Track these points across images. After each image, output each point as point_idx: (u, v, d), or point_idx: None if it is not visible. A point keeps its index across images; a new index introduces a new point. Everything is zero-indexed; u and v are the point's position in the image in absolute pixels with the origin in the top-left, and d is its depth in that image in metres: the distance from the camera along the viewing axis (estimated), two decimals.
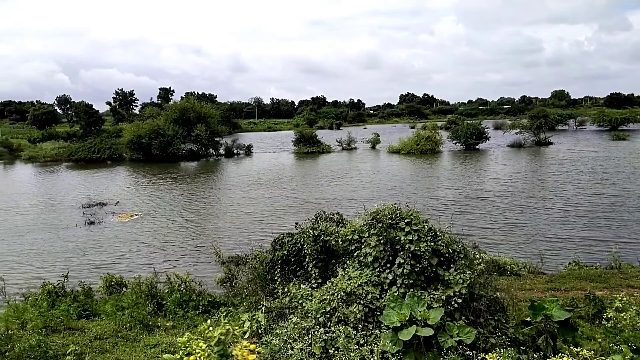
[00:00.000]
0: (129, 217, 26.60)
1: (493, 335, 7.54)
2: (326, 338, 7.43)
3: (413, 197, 27.68)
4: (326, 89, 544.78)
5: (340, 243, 9.29)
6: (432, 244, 8.13)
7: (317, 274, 9.38)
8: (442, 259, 8.20)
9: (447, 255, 8.19)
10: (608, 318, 7.73)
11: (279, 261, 10.46)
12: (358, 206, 23.29)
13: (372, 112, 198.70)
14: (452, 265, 8.09)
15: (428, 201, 27.52)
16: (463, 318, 7.50)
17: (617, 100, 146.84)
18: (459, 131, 61.84)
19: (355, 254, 8.89)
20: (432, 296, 7.61)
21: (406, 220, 8.43)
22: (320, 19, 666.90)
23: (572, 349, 6.36)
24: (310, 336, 7.57)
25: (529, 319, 7.62)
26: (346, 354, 7.01)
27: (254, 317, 9.36)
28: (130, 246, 20.83)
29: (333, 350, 7.22)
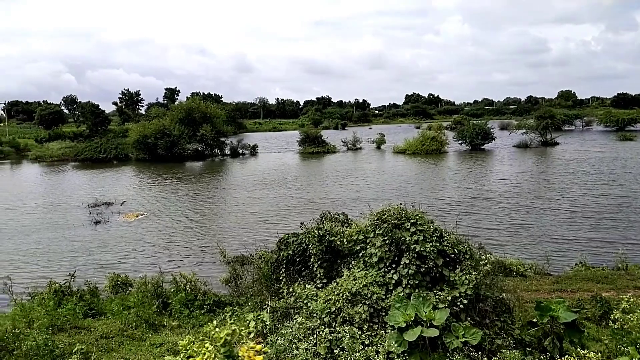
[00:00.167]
0: (135, 217, 26.70)
1: (499, 336, 7.50)
2: (331, 338, 7.42)
3: (418, 198, 27.62)
4: (331, 89, 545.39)
5: (345, 243, 9.28)
6: (438, 245, 8.10)
7: (322, 274, 9.37)
8: (448, 260, 8.17)
9: (453, 255, 8.16)
10: (615, 319, 7.68)
11: (284, 261, 10.47)
12: (363, 206, 23.25)
13: (378, 113, 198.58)
14: (458, 266, 8.06)
15: (433, 202, 27.45)
16: (469, 319, 7.47)
17: (624, 100, 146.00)
18: (465, 131, 61.67)
19: (360, 254, 8.88)
20: (438, 297, 7.58)
21: (412, 220, 8.41)
22: (324, 19, 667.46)
23: (579, 351, 6.33)
24: (315, 336, 7.56)
25: (535, 320, 7.59)
26: (351, 355, 7.00)
27: (259, 317, 9.37)
28: (135, 245, 20.91)
29: (338, 350, 7.21)
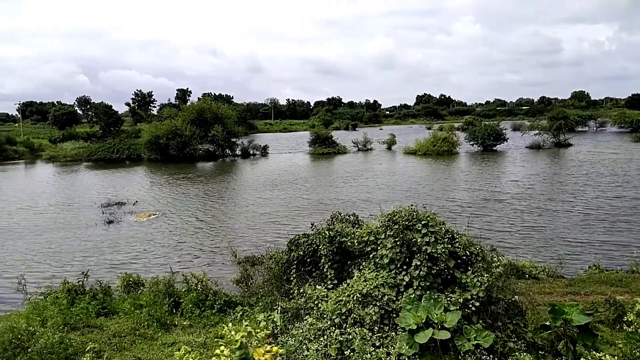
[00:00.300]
0: (147, 217, 26.92)
1: (511, 339, 7.44)
2: (342, 339, 7.41)
3: (429, 199, 27.51)
4: (342, 90, 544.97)
5: (356, 244, 9.27)
6: (449, 246, 8.05)
7: (333, 275, 9.37)
8: (460, 262, 8.12)
9: (465, 257, 8.11)
10: (629, 322, 7.56)
11: (295, 262, 10.48)
12: (373, 208, 23.22)
13: (388, 113, 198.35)
14: (470, 267, 8.00)
15: (444, 203, 27.29)
16: (480, 321, 7.42)
17: (639, 101, 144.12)
18: (477, 132, 61.28)
19: (371, 256, 8.86)
20: (449, 299, 7.53)
21: (423, 222, 8.37)
22: (335, 20, 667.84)
23: (594, 354, 6.24)
24: (326, 337, 7.56)
25: (548, 324, 7.51)
26: (362, 356, 6.98)
27: (270, 318, 9.39)
28: (147, 245, 21.07)
29: (349, 351, 7.20)
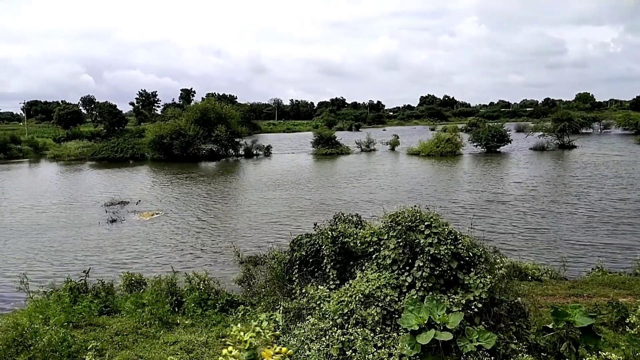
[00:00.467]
0: (150, 216, 26.97)
1: (513, 341, 7.41)
2: (344, 340, 7.40)
3: (432, 200, 27.47)
4: (345, 91, 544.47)
5: (358, 245, 9.25)
6: (452, 247, 8.03)
7: (335, 276, 9.36)
8: (462, 263, 8.09)
9: (468, 258, 8.08)
10: (632, 325, 7.52)
11: (297, 262, 10.47)
12: (376, 208, 23.19)
13: (392, 114, 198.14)
14: (473, 269, 7.97)
15: (447, 204, 27.24)
16: (483, 323, 7.39)
17: None
18: (480, 133, 61.14)
19: (373, 256, 8.84)
20: (452, 300, 7.51)
21: (426, 223, 8.35)
22: (340, 21, 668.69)
23: (602, 354, 6.19)
24: (327, 337, 7.55)
25: (551, 325, 7.48)
26: (364, 356, 6.97)
27: (272, 317, 9.39)
28: (149, 245, 21.11)
29: (350, 352, 7.19)
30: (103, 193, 35.23)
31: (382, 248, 8.69)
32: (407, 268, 8.18)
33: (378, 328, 7.62)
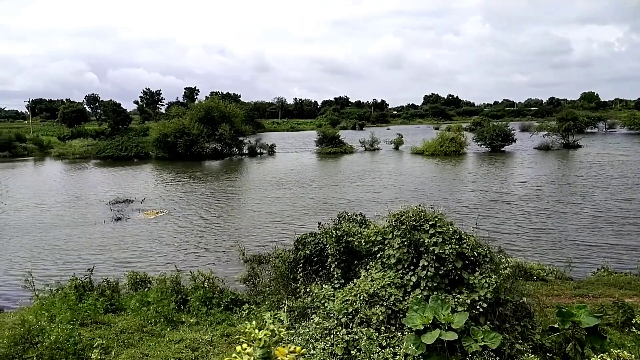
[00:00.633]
0: (154, 214, 27.05)
1: (519, 341, 7.40)
2: (348, 339, 7.40)
3: (436, 200, 27.44)
4: (349, 89, 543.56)
5: (363, 244, 9.25)
6: (457, 247, 8.02)
7: (340, 275, 9.36)
8: (467, 262, 8.08)
9: (472, 258, 8.07)
10: (638, 325, 7.50)
11: (302, 261, 10.49)
12: (380, 208, 23.18)
13: (396, 113, 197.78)
14: (478, 268, 7.96)
15: (451, 204, 27.20)
16: (488, 323, 7.38)
17: None
18: (485, 133, 60.96)
19: (378, 256, 8.84)
20: (457, 300, 7.50)
21: (430, 222, 8.34)
22: (343, 19, 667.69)
23: (612, 351, 6.15)
24: (332, 337, 7.55)
25: (557, 326, 7.46)
26: (368, 356, 6.97)
27: (276, 316, 9.40)
28: (153, 243, 21.18)
29: (355, 351, 7.19)
30: (107, 191, 35.35)
31: (387, 247, 8.68)
32: (412, 267, 8.18)
33: (383, 327, 7.61)
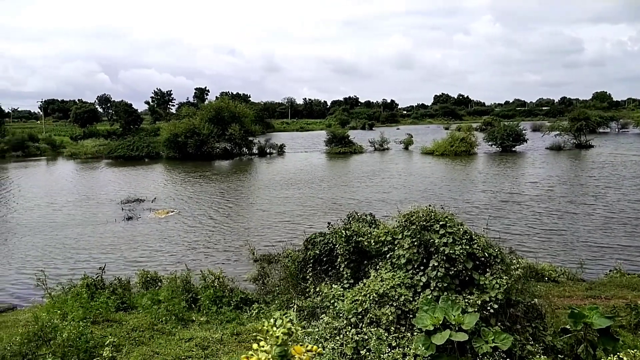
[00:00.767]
0: (165, 214, 27.23)
1: (530, 342, 7.35)
2: (358, 339, 7.40)
3: (446, 200, 27.31)
4: (359, 89, 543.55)
5: (372, 244, 9.24)
6: (468, 247, 7.98)
7: (349, 275, 9.36)
8: (478, 263, 8.04)
9: (483, 259, 8.03)
10: None
11: (311, 260, 10.51)
12: (390, 208, 23.12)
13: (405, 113, 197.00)
14: (488, 269, 7.92)
15: (462, 204, 27.05)
16: (499, 324, 7.34)
17: None
18: (495, 132, 60.49)
19: (388, 256, 8.83)
20: (467, 301, 7.47)
21: (441, 222, 8.31)
22: (353, 19, 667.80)
23: (630, 351, 6.09)
24: (341, 336, 7.56)
25: (568, 327, 7.40)
26: (378, 356, 6.97)
27: (286, 316, 9.42)
28: (163, 243, 21.32)
29: (365, 351, 7.18)
30: (118, 191, 35.65)
31: (397, 247, 8.67)
32: (422, 268, 8.15)
33: (392, 328, 7.60)
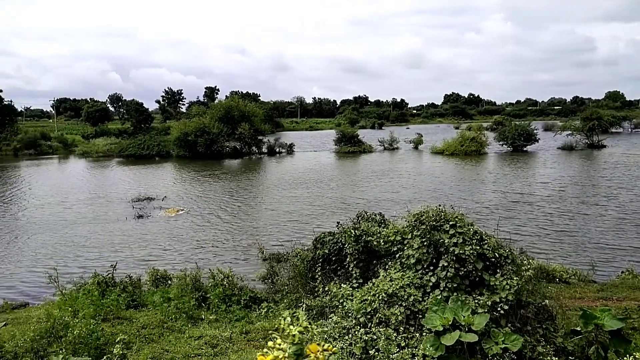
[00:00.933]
0: (175, 212, 27.40)
1: (540, 343, 7.28)
2: (366, 339, 7.38)
3: (456, 200, 27.16)
4: (369, 89, 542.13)
5: (382, 244, 9.21)
6: (478, 248, 7.92)
7: (358, 274, 9.35)
8: (488, 264, 7.98)
9: (493, 259, 7.97)
10: None
11: (320, 260, 10.51)
12: (399, 207, 23.04)
13: (415, 112, 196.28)
14: (499, 270, 7.86)
15: (472, 204, 26.89)
16: (509, 325, 7.28)
17: None
18: (506, 132, 60.02)
19: (397, 256, 8.79)
20: (477, 301, 7.42)
21: (451, 222, 8.26)
22: (362, 18, 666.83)
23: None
24: (350, 336, 7.55)
25: (579, 329, 7.32)
26: (387, 356, 6.95)
27: (295, 315, 9.44)
28: (173, 241, 21.45)
29: (373, 351, 7.17)
30: (129, 189, 35.93)
31: (406, 247, 8.63)
32: (432, 268, 8.11)
33: (401, 328, 7.58)
